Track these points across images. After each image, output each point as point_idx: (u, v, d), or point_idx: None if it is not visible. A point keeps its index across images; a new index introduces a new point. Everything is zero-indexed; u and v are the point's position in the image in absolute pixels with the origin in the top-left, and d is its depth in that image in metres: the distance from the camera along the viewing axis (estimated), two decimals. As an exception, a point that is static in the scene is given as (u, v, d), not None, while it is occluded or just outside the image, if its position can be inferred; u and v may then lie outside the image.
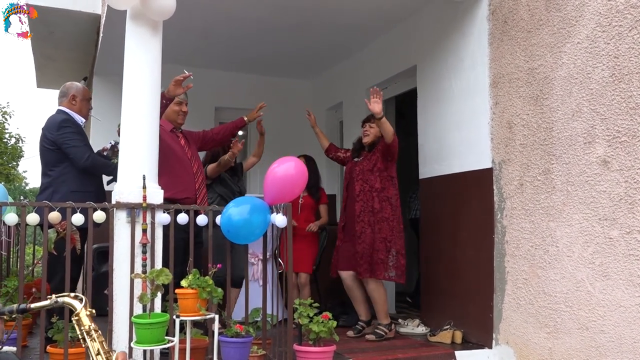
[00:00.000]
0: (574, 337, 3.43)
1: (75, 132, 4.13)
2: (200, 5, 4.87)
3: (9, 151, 17.74)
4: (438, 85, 4.86)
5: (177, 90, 3.88)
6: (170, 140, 4.17)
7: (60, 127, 4.10)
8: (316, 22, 5.36)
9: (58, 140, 4.08)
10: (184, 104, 4.33)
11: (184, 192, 4.08)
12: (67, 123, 4.13)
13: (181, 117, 4.34)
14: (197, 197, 4.18)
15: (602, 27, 3.33)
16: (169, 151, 4.08)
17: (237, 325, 3.42)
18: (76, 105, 4.29)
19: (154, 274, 2.94)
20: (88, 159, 4.06)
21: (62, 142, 4.07)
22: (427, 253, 4.95)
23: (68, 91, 4.31)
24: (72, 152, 4.07)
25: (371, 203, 4.46)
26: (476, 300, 4.27)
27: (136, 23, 3.51)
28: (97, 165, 4.13)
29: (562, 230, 3.55)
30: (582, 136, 3.44)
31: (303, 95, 7.38)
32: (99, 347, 1.49)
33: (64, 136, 4.07)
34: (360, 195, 4.52)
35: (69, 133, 4.08)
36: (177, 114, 4.30)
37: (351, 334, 4.56)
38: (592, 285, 3.32)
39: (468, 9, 4.49)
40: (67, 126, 4.11)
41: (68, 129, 4.10)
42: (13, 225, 3.51)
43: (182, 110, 4.32)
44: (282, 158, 3.74)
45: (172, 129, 4.29)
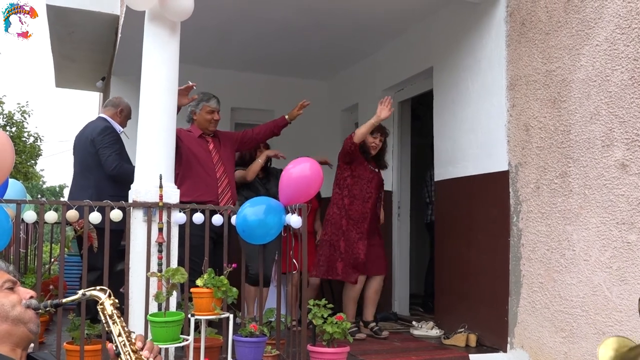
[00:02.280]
0: (591, 342, 3.39)
1: (114, 140, 4.36)
2: (217, 6, 4.90)
3: (28, 150, 17.93)
4: (454, 87, 4.84)
5: (183, 100, 3.95)
6: (196, 146, 4.26)
7: (102, 133, 4.36)
8: (332, 23, 5.36)
9: (97, 145, 4.32)
10: (215, 113, 4.41)
11: (204, 196, 4.13)
12: (108, 130, 4.40)
13: (212, 125, 4.42)
14: (219, 201, 4.21)
15: (621, 29, 3.30)
16: (192, 157, 4.20)
17: (251, 325, 3.43)
18: (119, 117, 4.61)
19: (169, 273, 2.97)
20: (115, 168, 4.24)
21: (100, 146, 4.31)
22: (442, 255, 4.93)
23: (119, 104, 4.65)
24: (104, 158, 4.28)
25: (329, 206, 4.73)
26: (491, 303, 4.25)
27: (154, 24, 3.54)
28: (124, 173, 4.24)
29: (579, 233, 3.52)
30: (600, 139, 3.41)
31: (319, 96, 7.37)
32: (120, 329, 1.63)
33: (104, 141, 4.32)
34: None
35: (108, 141, 4.33)
36: (208, 122, 4.38)
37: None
38: (610, 290, 3.29)
39: (485, 10, 4.47)
40: (108, 133, 4.38)
41: (108, 137, 4.35)
42: (31, 222, 3.56)
43: (213, 119, 4.40)
44: (298, 159, 3.75)
45: (201, 134, 4.35)
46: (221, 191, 4.26)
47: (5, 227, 2.97)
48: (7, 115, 17.57)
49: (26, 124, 18.10)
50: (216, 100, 4.45)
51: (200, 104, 4.37)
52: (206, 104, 4.39)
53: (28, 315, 1.61)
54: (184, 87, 3.88)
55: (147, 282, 3.31)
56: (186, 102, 4.05)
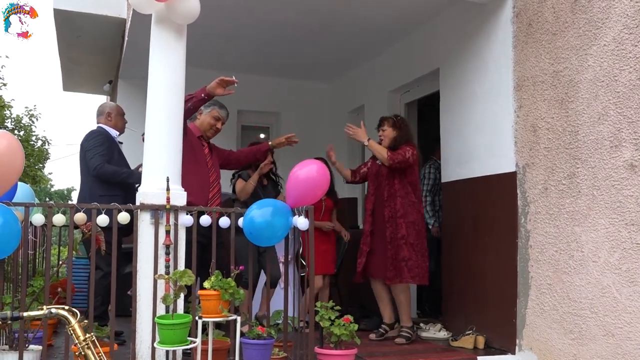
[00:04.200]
0: (600, 344, 3.37)
1: (99, 144, 4.41)
2: (223, 9, 4.91)
3: (36, 153, 18.02)
4: (461, 89, 4.83)
5: (218, 89, 3.87)
6: (197, 144, 4.22)
7: (88, 138, 4.45)
8: (338, 25, 5.36)
9: (84, 149, 4.45)
10: (220, 122, 4.40)
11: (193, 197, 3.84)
12: (94, 135, 4.48)
13: (212, 132, 4.41)
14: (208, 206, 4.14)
15: (629, 29, 3.28)
16: (192, 154, 4.09)
17: (258, 327, 3.43)
18: (112, 121, 4.64)
19: (177, 275, 2.97)
20: (96, 168, 4.32)
21: (86, 150, 4.42)
22: (449, 257, 4.92)
23: (104, 110, 4.68)
24: (88, 160, 4.39)
25: (398, 207, 4.45)
26: (499, 305, 4.23)
27: (161, 27, 3.55)
28: (105, 173, 4.33)
29: (588, 235, 3.50)
30: (608, 140, 3.39)
31: (324, 98, 7.39)
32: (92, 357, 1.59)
33: (89, 144, 4.42)
34: (389, 199, 4.50)
35: (93, 144, 4.41)
36: (210, 127, 4.37)
37: (374, 337, 4.54)
38: (619, 292, 3.27)
39: (492, 11, 4.46)
40: (93, 138, 4.45)
41: (93, 141, 4.42)
42: (40, 225, 3.57)
43: (215, 126, 4.38)
44: (305, 161, 3.75)
45: (199, 136, 4.34)
46: (211, 197, 4.24)
47: (15, 230, 2.98)
48: (16, 119, 17.67)
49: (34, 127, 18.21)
50: (227, 112, 4.46)
51: (211, 106, 4.36)
52: (217, 109, 4.39)
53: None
54: (227, 78, 3.85)
55: (154, 285, 3.31)
56: (220, 93, 3.92)
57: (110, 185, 4.33)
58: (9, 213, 2.99)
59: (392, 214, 4.46)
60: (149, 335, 3.29)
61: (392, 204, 4.48)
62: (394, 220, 4.44)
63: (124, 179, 4.34)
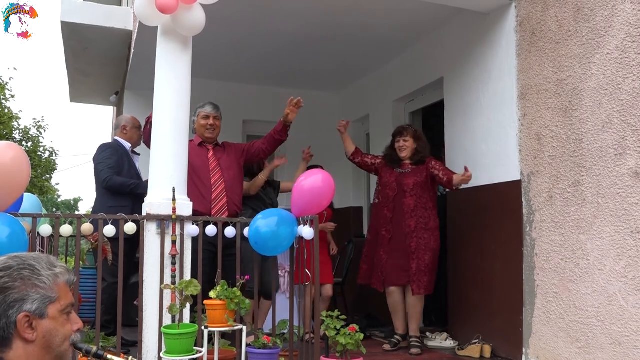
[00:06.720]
0: (607, 353, 3.36)
1: (107, 157, 4.47)
2: (228, 21, 4.95)
3: (43, 164, 18.16)
4: (465, 97, 4.84)
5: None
6: (193, 155, 4.24)
7: (98, 152, 4.55)
8: (343, 36, 5.39)
9: (95, 162, 4.54)
10: (210, 118, 4.42)
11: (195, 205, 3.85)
12: (104, 148, 4.55)
13: (208, 131, 4.42)
14: (212, 207, 4.20)
15: (632, 38, 3.29)
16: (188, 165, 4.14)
17: (264, 337, 3.43)
18: (127, 134, 4.73)
19: (183, 285, 2.98)
20: (105, 181, 4.38)
21: (96, 163, 4.50)
22: (454, 266, 4.91)
23: (120, 123, 4.80)
24: (97, 173, 4.47)
25: (427, 220, 4.49)
26: (505, 314, 4.22)
27: (167, 39, 3.59)
28: (115, 185, 4.39)
29: (593, 243, 3.49)
30: (612, 148, 3.39)
31: (330, 107, 7.41)
32: None
33: (99, 157, 4.50)
34: (415, 210, 4.50)
35: (102, 157, 4.48)
36: (204, 128, 4.42)
37: (388, 348, 4.50)
38: (625, 300, 3.26)
39: (495, 20, 4.48)
40: (103, 151, 4.52)
41: (103, 153, 4.50)
42: (47, 236, 3.60)
43: (208, 124, 4.40)
44: (310, 170, 3.77)
45: (200, 142, 4.38)
46: (215, 197, 4.25)
47: (22, 241, 3.00)
48: (23, 130, 17.82)
49: (42, 138, 18.36)
50: (212, 106, 4.47)
51: (196, 111, 4.42)
52: (200, 110, 4.45)
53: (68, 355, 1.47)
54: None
55: (160, 295, 3.33)
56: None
57: (119, 197, 4.38)
58: (17, 224, 3.02)
59: (418, 225, 4.47)
60: (155, 345, 3.30)
61: (419, 215, 4.50)
62: (421, 231, 4.46)
63: (133, 190, 4.38)
